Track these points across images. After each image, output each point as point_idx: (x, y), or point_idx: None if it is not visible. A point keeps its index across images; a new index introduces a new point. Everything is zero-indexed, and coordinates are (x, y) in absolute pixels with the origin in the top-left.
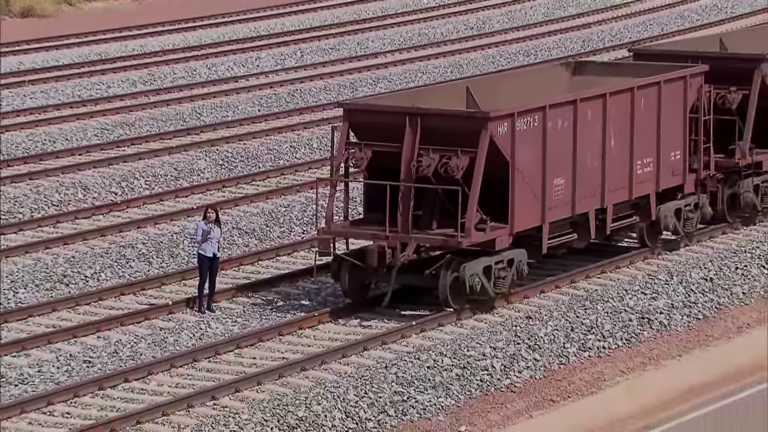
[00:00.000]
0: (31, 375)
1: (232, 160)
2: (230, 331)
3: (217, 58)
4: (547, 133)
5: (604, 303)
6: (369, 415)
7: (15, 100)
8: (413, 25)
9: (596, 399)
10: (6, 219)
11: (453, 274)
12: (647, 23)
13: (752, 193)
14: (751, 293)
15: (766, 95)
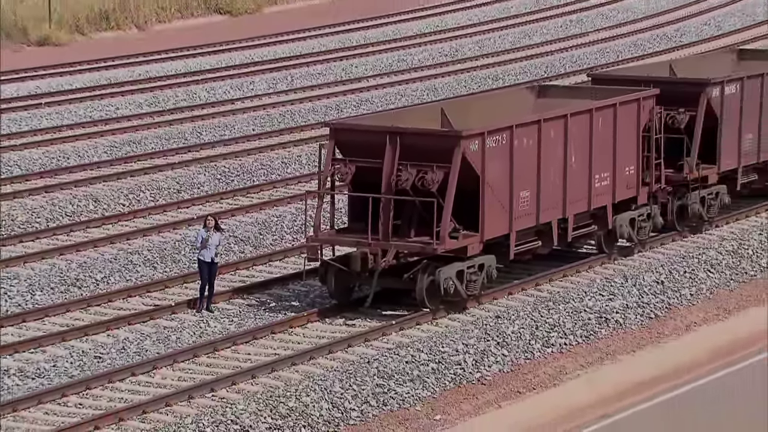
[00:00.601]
0: (47, 369)
1: (229, 175)
2: (227, 329)
3: (215, 82)
4: (514, 150)
5: (565, 304)
6: (353, 405)
7: (33, 120)
8: (393, 53)
9: (558, 390)
10: (24, 228)
11: (429, 278)
12: (604, 51)
13: (699, 204)
14: (698, 295)
15: (712, 116)
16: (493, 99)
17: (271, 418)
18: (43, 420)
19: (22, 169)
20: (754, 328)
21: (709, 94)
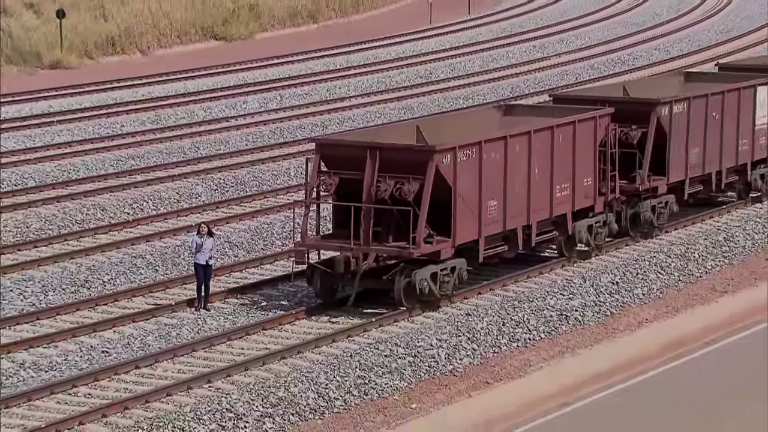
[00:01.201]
0: (58, 363)
1: (224, 186)
2: (222, 326)
3: (212, 102)
4: (483, 163)
5: (529, 302)
6: (337, 395)
7: (46, 137)
8: (373, 75)
9: (523, 381)
10: (38, 234)
11: (406, 279)
12: (564, 73)
13: (650, 212)
14: (649, 294)
15: (661, 132)
16: (464, 117)
17: (262, 407)
18: (55, 408)
19: (36, 181)
20: (700, 324)
21: (659, 112)
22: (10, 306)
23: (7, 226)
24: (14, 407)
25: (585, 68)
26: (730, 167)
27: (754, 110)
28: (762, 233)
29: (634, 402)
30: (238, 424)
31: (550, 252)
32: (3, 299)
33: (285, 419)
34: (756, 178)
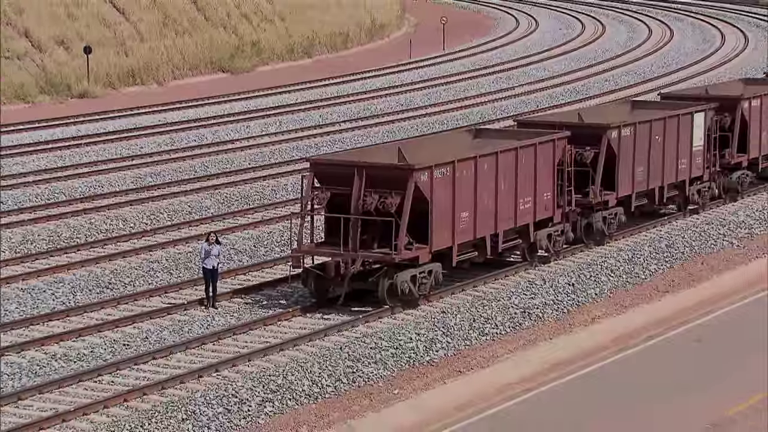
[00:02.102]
0: (85, 354)
1: (230, 200)
2: (229, 322)
3: (219, 126)
4: (456, 179)
5: (497, 301)
6: (328, 382)
7: (75, 157)
8: (360, 103)
9: (491, 370)
10: (67, 242)
11: (389, 281)
12: (526, 101)
13: (601, 222)
14: (600, 294)
15: (611, 153)
16: (439, 139)
17: (263, 393)
18: (82, 394)
19: (66, 196)
20: (646, 319)
21: (609, 135)
22: (43, 305)
23: (40, 234)
24: (47, 393)
25: (545, 97)
26: (670, 183)
27: (691, 134)
28: (699, 241)
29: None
30: (242, 407)
31: (515, 257)
32: (37, 298)
33: (283, 403)
34: (693, 193)
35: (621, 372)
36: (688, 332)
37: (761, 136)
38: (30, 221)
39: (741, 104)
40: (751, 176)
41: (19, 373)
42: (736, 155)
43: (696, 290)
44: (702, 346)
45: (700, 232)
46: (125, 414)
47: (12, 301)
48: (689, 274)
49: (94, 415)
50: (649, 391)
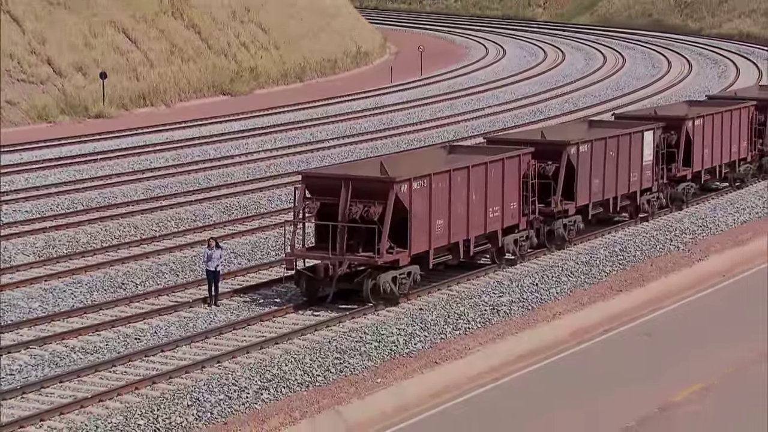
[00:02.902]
0: (101, 347)
1: (230, 209)
2: (229, 319)
3: (220, 143)
4: (432, 191)
5: (469, 299)
6: (318, 372)
7: (91, 171)
8: (346, 122)
9: (464, 361)
10: (85, 247)
11: (372, 281)
12: (495, 121)
13: (562, 229)
14: (561, 293)
15: (570, 167)
16: (417, 155)
17: (260, 382)
18: (98, 383)
19: (83, 205)
20: (602, 315)
21: (568, 151)
22: (63, 303)
23: (61, 240)
24: (67, 382)
25: (511, 117)
26: (623, 194)
27: (642, 150)
28: (648, 245)
29: (551, 377)
30: (241, 395)
31: (485, 260)
32: (58, 297)
33: (278, 391)
34: (644, 203)
35: (579, 362)
36: (639, 327)
37: (703, 152)
38: (51, 228)
39: (686, 123)
40: (695, 187)
41: (42, 364)
42: (681, 169)
43: (646, 289)
44: (651, 340)
45: (649, 237)
46: (137, 400)
47: (35, 299)
48: (640, 275)
49: (108, 402)
50: (605, 379)
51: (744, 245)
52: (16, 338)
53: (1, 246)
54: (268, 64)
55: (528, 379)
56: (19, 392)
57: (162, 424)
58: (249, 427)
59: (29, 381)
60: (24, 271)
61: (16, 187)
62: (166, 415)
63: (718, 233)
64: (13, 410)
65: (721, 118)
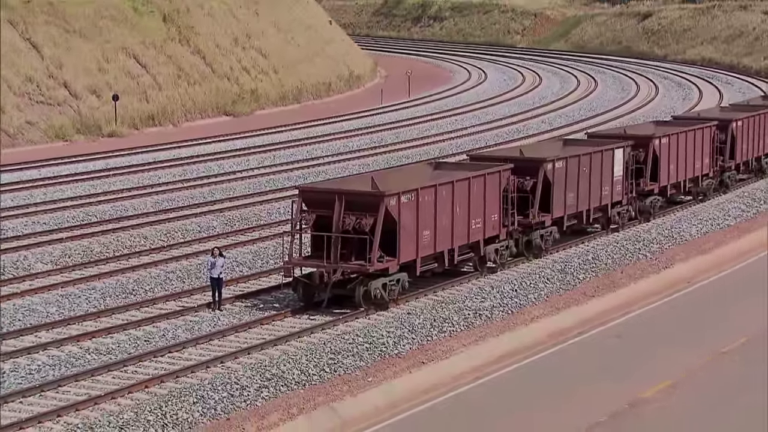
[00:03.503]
0: (113, 349)
1: (233, 221)
2: (232, 322)
3: (224, 160)
4: (419, 204)
5: (453, 304)
6: (314, 372)
7: (104, 186)
8: (340, 141)
9: (449, 362)
10: (98, 256)
11: (364, 288)
12: (477, 139)
13: (539, 239)
14: (539, 298)
15: (547, 182)
16: (405, 171)
17: (260, 380)
18: (111, 382)
19: (97, 218)
20: (576, 319)
21: (545, 167)
22: (78, 308)
23: (76, 250)
24: (82, 381)
25: (492, 136)
26: (595, 207)
27: (612, 166)
28: (619, 254)
29: (529, 376)
30: (243, 393)
31: (468, 268)
32: (74, 303)
33: (277, 389)
34: (614, 215)
35: (555, 362)
36: (610, 330)
37: (669, 168)
38: (68, 239)
39: (653, 142)
40: (662, 201)
41: (59, 365)
42: (649, 183)
43: (617, 295)
44: (621, 341)
45: (620, 246)
46: (146, 398)
47: (53, 304)
48: (611, 281)
49: (120, 399)
50: (579, 378)
51: (706, 254)
52: (35, 340)
53: (21, 255)
54: (267, 86)
55: (508, 377)
56: (38, 390)
57: (170, 420)
58: (250, 422)
59: (47, 380)
60: (42, 278)
61: (35, 200)
62: (174, 411)
63: (682, 243)
64: (32, 407)
65: (685, 137)
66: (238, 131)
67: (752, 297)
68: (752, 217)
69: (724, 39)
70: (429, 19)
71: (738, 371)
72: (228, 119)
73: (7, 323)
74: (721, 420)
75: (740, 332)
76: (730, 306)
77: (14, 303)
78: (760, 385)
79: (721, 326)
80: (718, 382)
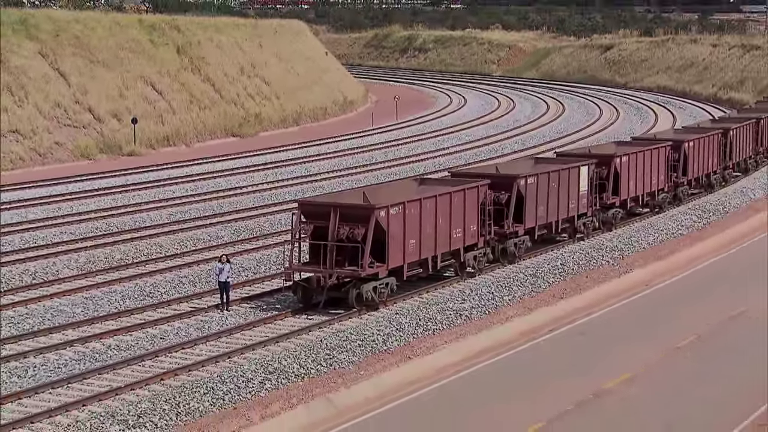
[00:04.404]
0: (132, 345)
1: (239, 231)
2: (238, 322)
3: (231, 176)
4: (406, 215)
5: (436, 305)
6: (312, 366)
7: (124, 200)
8: (335, 159)
9: (432, 357)
10: (119, 262)
11: (356, 291)
12: (458, 158)
13: (513, 247)
14: (513, 300)
15: (520, 195)
16: (394, 186)
17: (263, 374)
18: (130, 375)
19: (118, 228)
20: (546, 318)
21: (518, 183)
22: (101, 309)
23: (99, 257)
24: (104, 374)
25: (471, 154)
26: (563, 218)
27: (578, 182)
28: (584, 260)
29: (505, 369)
30: (248, 385)
31: (449, 273)
32: (97, 304)
33: (279, 381)
34: (580, 225)
35: (527, 357)
36: (576, 328)
37: (629, 184)
38: (92, 247)
39: (614, 160)
40: (622, 213)
41: (84, 359)
42: (610, 197)
43: (582, 296)
44: (586, 338)
45: (585, 253)
46: (162, 389)
47: (78, 306)
48: (577, 284)
49: (138, 390)
50: (548, 371)
51: (662, 260)
52: (62, 338)
53: (51, 262)
54: (270, 111)
55: (485, 371)
56: (66, 382)
57: (182, 409)
58: (254, 411)
59: (74, 373)
60: (69, 282)
61: (63, 213)
62: (186, 401)
63: (641, 250)
64: (60, 397)
65: (643, 156)
66: (244, 151)
67: (703, 298)
68: (703, 227)
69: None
70: (414, 50)
71: (690, 365)
72: (235, 140)
73: (38, 322)
74: (676, 408)
75: (692, 330)
76: (683, 307)
77: (44, 304)
78: (711, 377)
79: (675, 325)
80: (673, 374)
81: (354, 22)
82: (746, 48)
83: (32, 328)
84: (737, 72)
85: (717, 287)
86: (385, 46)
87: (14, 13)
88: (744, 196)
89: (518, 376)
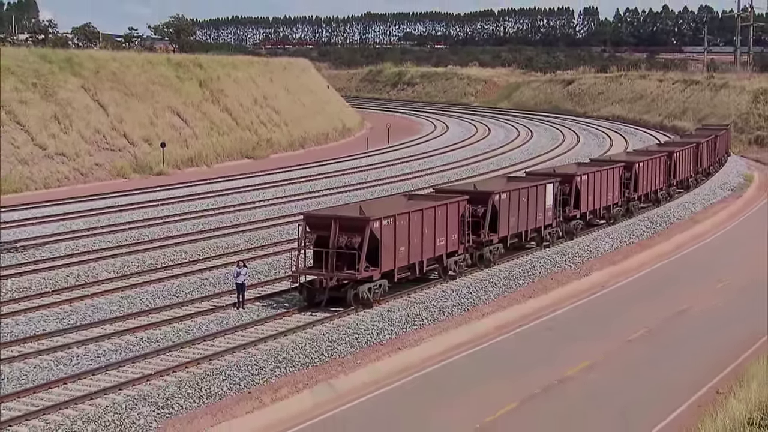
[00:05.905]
0: (161, 338)
1: (253, 239)
2: (252, 318)
3: (245, 193)
4: (396, 226)
5: (423, 303)
6: (315, 355)
7: (154, 213)
8: (335, 178)
9: (419, 348)
10: (150, 267)
11: (354, 291)
12: (441, 176)
13: (489, 253)
14: (489, 299)
15: (495, 209)
16: (386, 201)
17: (274, 363)
18: (159, 364)
19: (149, 237)
20: (517, 315)
21: (493, 198)
22: (135, 307)
23: (132, 262)
24: (137, 362)
25: (453, 174)
26: (532, 228)
27: (545, 197)
28: (550, 264)
29: (482, 359)
30: (261, 372)
31: (433, 276)
32: (131, 303)
33: (287, 369)
34: (546, 234)
35: (502, 348)
36: (543, 323)
37: (588, 199)
38: (126, 253)
39: (575, 179)
40: (582, 224)
41: (119, 350)
42: (572, 210)
43: (548, 296)
44: (552, 333)
45: (550, 259)
46: (186, 376)
47: (115, 304)
48: (544, 286)
49: (166, 377)
50: (519, 360)
51: (616, 265)
52: (101, 332)
53: (91, 266)
54: (279, 136)
55: (465, 361)
56: (104, 369)
57: (204, 393)
58: (266, 395)
59: (111, 362)
60: (107, 284)
61: (102, 224)
62: (207, 386)
63: (598, 256)
64: (99, 382)
65: (600, 175)
66: (257, 171)
67: (651, 297)
68: (651, 236)
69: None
70: (404, 84)
71: (641, 354)
72: (249, 161)
73: (80, 318)
74: (630, 390)
75: (642, 324)
76: (634, 304)
77: (85, 303)
78: (659, 364)
79: (627, 320)
80: (626, 362)
81: (351, 60)
82: (687, 83)
83: (76, 323)
84: (680, 103)
85: (664, 288)
86: (378, 81)
87: (61, 54)
88: (686, 210)
89: (493, 364)
